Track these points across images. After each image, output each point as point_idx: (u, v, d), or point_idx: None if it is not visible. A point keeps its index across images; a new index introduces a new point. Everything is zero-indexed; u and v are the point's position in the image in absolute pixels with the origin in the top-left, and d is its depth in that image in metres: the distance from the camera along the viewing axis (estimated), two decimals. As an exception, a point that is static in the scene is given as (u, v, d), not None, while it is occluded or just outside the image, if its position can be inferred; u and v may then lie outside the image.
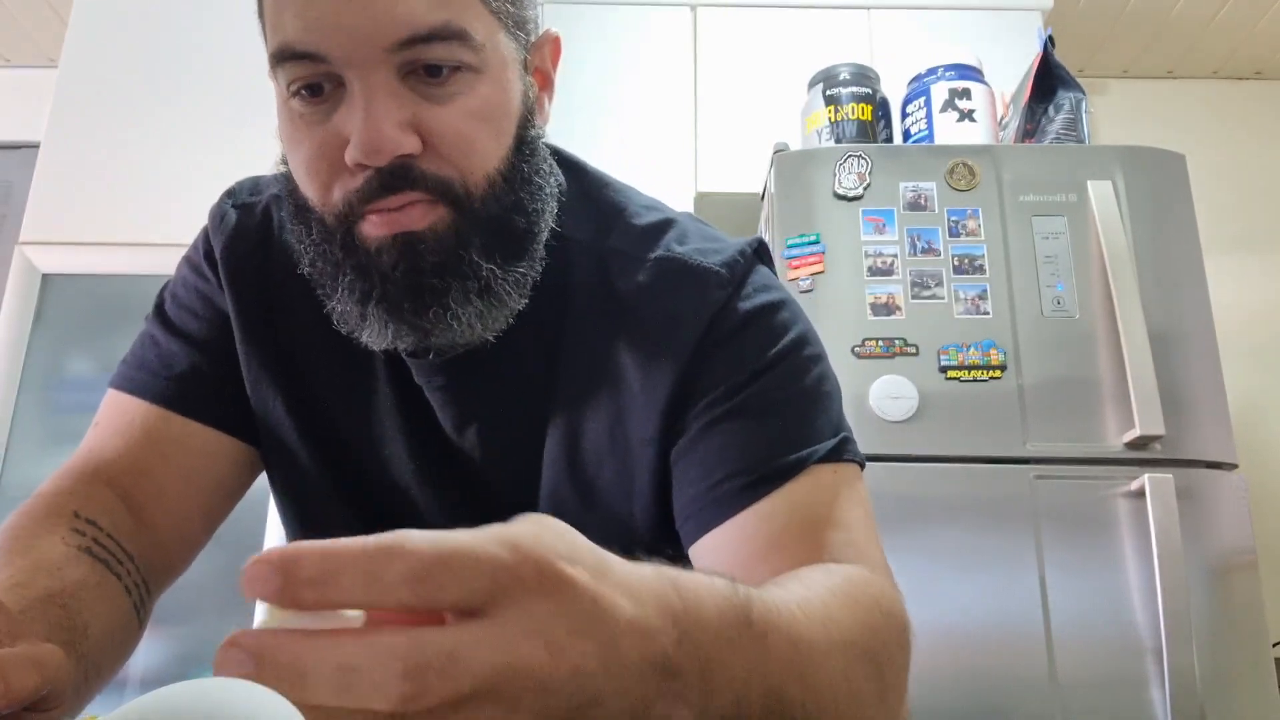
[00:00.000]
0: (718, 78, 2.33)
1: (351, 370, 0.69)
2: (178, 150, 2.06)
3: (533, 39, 0.65)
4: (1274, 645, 1.53)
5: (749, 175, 2.12)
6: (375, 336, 0.61)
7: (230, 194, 0.74)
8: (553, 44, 0.68)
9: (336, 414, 0.69)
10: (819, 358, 0.66)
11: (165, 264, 2.31)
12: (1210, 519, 1.55)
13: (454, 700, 0.27)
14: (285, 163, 0.63)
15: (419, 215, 0.58)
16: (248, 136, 2.05)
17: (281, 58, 0.57)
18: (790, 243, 1.73)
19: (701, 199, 2.23)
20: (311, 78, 0.57)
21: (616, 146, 2.17)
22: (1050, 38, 1.90)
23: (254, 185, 0.75)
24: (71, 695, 0.45)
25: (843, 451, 0.62)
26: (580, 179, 0.71)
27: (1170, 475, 1.52)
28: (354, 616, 0.30)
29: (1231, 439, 1.60)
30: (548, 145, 0.68)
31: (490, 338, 0.62)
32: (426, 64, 0.57)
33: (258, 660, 0.27)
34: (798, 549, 0.57)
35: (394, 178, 0.57)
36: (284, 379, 0.70)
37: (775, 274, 0.70)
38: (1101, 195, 1.68)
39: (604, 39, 2.31)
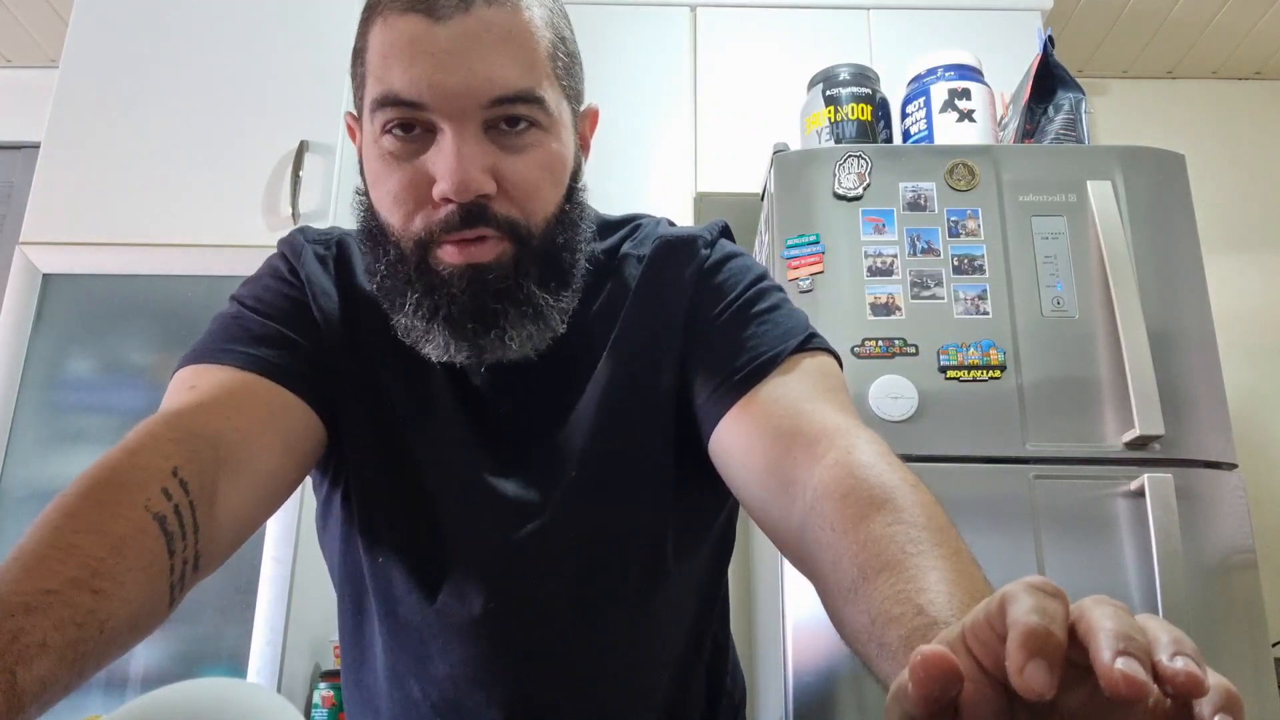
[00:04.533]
0: (718, 78, 2.33)
1: (417, 381, 0.78)
2: (178, 150, 2.05)
3: (581, 109, 0.78)
4: (1274, 645, 1.53)
5: (749, 175, 2.12)
6: (437, 349, 0.72)
7: (302, 231, 0.85)
8: (593, 116, 0.81)
9: (407, 418, 0.79)
10: (780, 288, 0.82)
11: (165, 264, 2.29)
12: (1210, 519, 1.55)
13: None
14: (364, 193, 0.74)
15: (489, 249, 0.69)
16: (247, 137, 2.06)
17: (384, 103, 0.67)
18: (790, 243, 1.72)
19: (701, 199, 2.22)
20: (406, 119, 0.67)
21: (617, 147, 2.17)
22: (1050, 38, 1.90)
23: (318, 230, 0.85)
24: (60, 692, 0.45)
25: (810, 342, 0.76)
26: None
27: (1170, 475, 1.52)
28: None
29: (1231, 439, 1.60)
30: None
31: (534, 356, 0.74)
32: (508, 118, 0.68)
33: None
34: (785, 420, 0.68)
35: (472, 214, 0.68)
36: (366, 391, 0.79)
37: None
38: (1101, 195, 1.68)
39: (604, 39, 2.31)
